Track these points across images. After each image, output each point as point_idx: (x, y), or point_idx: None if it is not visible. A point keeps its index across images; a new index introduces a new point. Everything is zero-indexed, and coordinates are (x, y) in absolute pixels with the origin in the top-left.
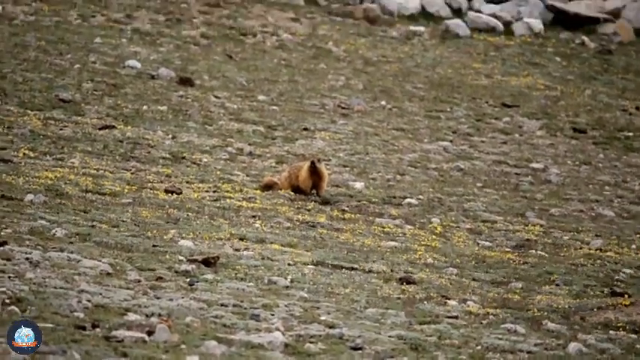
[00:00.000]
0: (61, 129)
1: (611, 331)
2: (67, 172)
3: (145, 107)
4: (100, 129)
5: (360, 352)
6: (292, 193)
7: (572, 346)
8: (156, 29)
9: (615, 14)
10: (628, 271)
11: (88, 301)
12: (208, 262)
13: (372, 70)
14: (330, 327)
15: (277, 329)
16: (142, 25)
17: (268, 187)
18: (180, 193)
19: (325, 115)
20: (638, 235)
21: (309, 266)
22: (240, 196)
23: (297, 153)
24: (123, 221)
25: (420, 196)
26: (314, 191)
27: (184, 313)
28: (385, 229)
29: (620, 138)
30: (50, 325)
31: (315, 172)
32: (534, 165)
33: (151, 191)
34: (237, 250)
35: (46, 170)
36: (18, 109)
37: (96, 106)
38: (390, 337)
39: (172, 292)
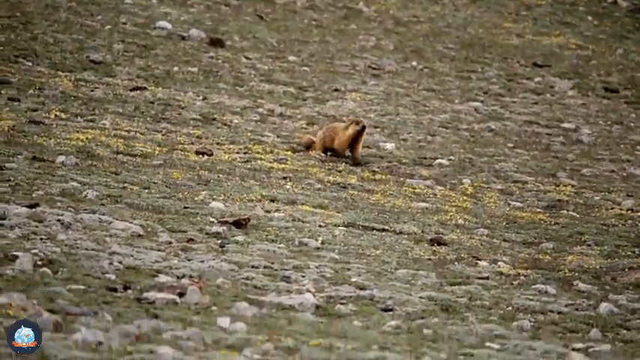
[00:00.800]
0: (92, 90)
1: None
2: (98, 133)
3: (175, 68)
4: (130, 90)
5: (391, 313)
6: (323, 155)
7: (603, 307)
8: None
9: None
10: None
11: (120, 262)
12: (239, 224)
13: (403, 30)
14: (361, 288)
15: (308, 291)
16: None
17: (308, 146)
18: (211, 154)
19: (356, 75)
20: None
21: (339, 227)
22: (270, 158)
23: (327, 114)
24: (154, 183)
25: (451, 157)
26: (348, 153)
27: (215, 274)
28: (416, 190)
29: None
30: (82, 287)
31: (358, 135)
32: (566, 125)
33: (182, 153)
34: (267, 211)
35: (77, 132)
36: (49, 71)
37: (127, 68)
38: (420, 298)
39: (203, 253)
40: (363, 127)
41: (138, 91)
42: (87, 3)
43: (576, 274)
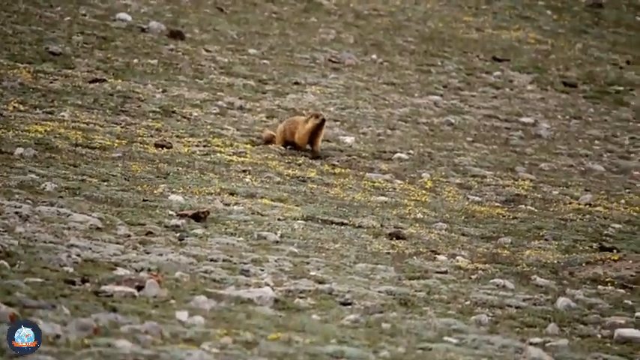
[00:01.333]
0: (51, 82)
1: (599, 286)
2: (56, 125)
3: (135, 61)
4: (90, 82)
5: (350, 307)
6: (282, 148)
7: (561, 301)
8: None
9: None
10: (617, 225)
11: (78, 255)
12: (198, 217)
13: (363, 23)
14: (320, 282)
15: (267, 284)
16: None
17: (269, 141)
18: (171, 147)
19: (316, 69)
20: (627, 190)
21: (299, 221)
22: (230, 151)
23: (287, 107)
24: (113, 175)
25: (410, 151)
26: (308, 147)
27: (174, 268)
28: (375, 184)
29: (611, 92)
30: (40, 280)
31: (318, 128)
32: (524, 119)
33: (141, 145)
34: (227, 204)
35: (36, 124)
36: (8, 62)
37: (86, 60)
38: (379, 292)
39: (162, 246)
40: (323, 121)
41: (97, 84)
42: None
43: (534, 268)
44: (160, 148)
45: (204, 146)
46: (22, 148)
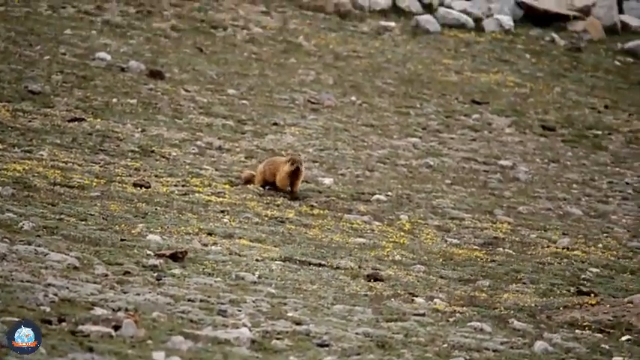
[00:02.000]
0: (29, 121)
1: (577, 330)
2: (35, 164)
3: (114, 100)
4: (69, 121)
5: (327, 348)
6: (261, 189)
7: (538, 345)
8: (126, 21)
9: (585, 12)
10: (594, 270)
11: (55, 294)
12: (176, 257)
13: (343, 65)
14: (297, 323)
15: (244, 325)
16: (112, 17)
17: (248, 181)
18: (149, 186)
19: (295, 109)
20: (604, 234)
21: (276, 262)
22: (208, 191)
23: (266, 148)
24: (91, 215)
25: (389, 193)
26: (288, 188)
27: (151, 308)
28: (353, 226)
29: (589, 136)
30: (16, 319)
31: (295, 172)
32: (503, 162)
33: (120, 185)
34: (205, 244)
35: (14, 162)
36: None
37: (65, 99)
38: (356, 334)
39: (139, 286)
40: (297, 168)
41: (76, 123)
42: (26, 33)
43: (512, 312)
44: (138, 188)
45: (182, 186)
46: (0, 187)
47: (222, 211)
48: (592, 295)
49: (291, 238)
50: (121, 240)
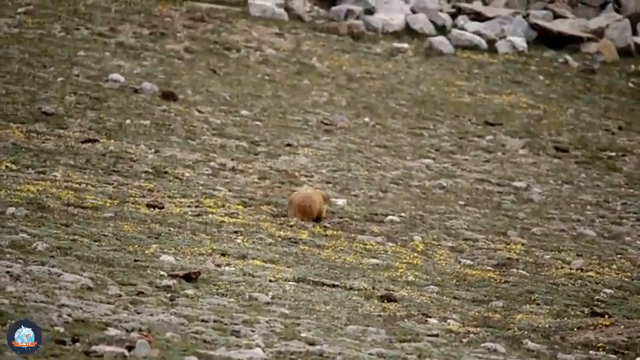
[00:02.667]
0: (43, 142)
1: (591, 351)
2: (49, 185)
3: (127, 121)
4: (82, 142)
5: None
6: (274, 209)
7: None
8: (140, 43)
9: (599, 33)
10: (608, 291)
11: (69, 315)
12: (189, 278)
13: (356, 86)
14: (311, 344)
15: (257, 345)
16: (125, 39)
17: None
18: (162, 207)
19: (308, 131)
20: (618, 255)
21: (290, 282)
22: (222, 212)
23: (280, 169)
24: (104, 235)
25: (402, 214)
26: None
27: (165, 328)
28: (367, 247)
29: (603, 157)
30: None
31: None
32: (516, 184)
33: (133, 205)
34: (218, 265)
35: (28, 183)
36: (0, 122)
37: (79, 120)
38: (370, 354)
39: (153, 307)
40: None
41: (89, 144)
42: (39, 55)
43: (525, 332)
44: (151, 209)
45: (196, 207)
46: (13, 208)
47: (236, 232)
48: (606, 316)
49: (304, 259)
50: (135, 260)
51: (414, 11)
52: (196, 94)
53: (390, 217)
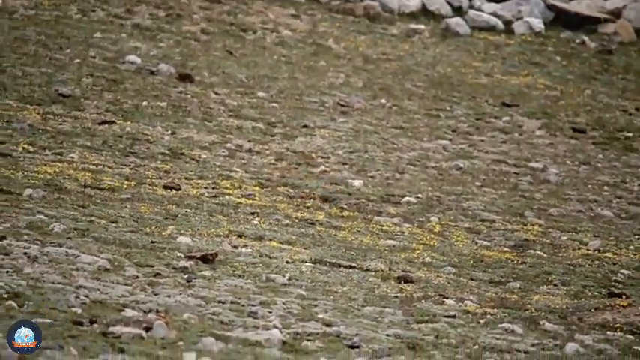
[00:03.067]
0: (60, 124)
1: (608, 332)
2: (65, 167)
3: (144, 103)
4: (99, 124)
5: (357, 350)
6: (291, 190)
7: (569, 347)
8: (156, 24)
9: (616, 14)
10: (626, 271)
11: (86, 296)
12: (206, 259)
13: (372, 67)
14: (328, 325)
15: (275, 326)
16: (142, 21)
17: None
18: (179, 189)
19: (325, 112)
20: (636, 236)
21: (307, 264)
22: (239, 193)
23: (296, 150)
24: (121, 217)
25: (419, 195)
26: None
27: (182, 309)
28: (383, 228)
29: (620, 138)
30: (48, 321)
31: None
32: (533, 165)
33: (150, 187)
34: (235, 246)
35: (45, 165)
36: (17, 104)
37: (95, 101)
38: (387, 335)
39: (170, 288)
40: None
41: (106, 125)
42: (56, 36)
43: (543, 313)
44: (168, 190)
45: (212, 188)
46: (31, 189)
47: (252, 214)
48: (623, 296)
49: (321, 240)
50: (152, 242)
51: None
52: (213, 76)
53: (406, 198)
